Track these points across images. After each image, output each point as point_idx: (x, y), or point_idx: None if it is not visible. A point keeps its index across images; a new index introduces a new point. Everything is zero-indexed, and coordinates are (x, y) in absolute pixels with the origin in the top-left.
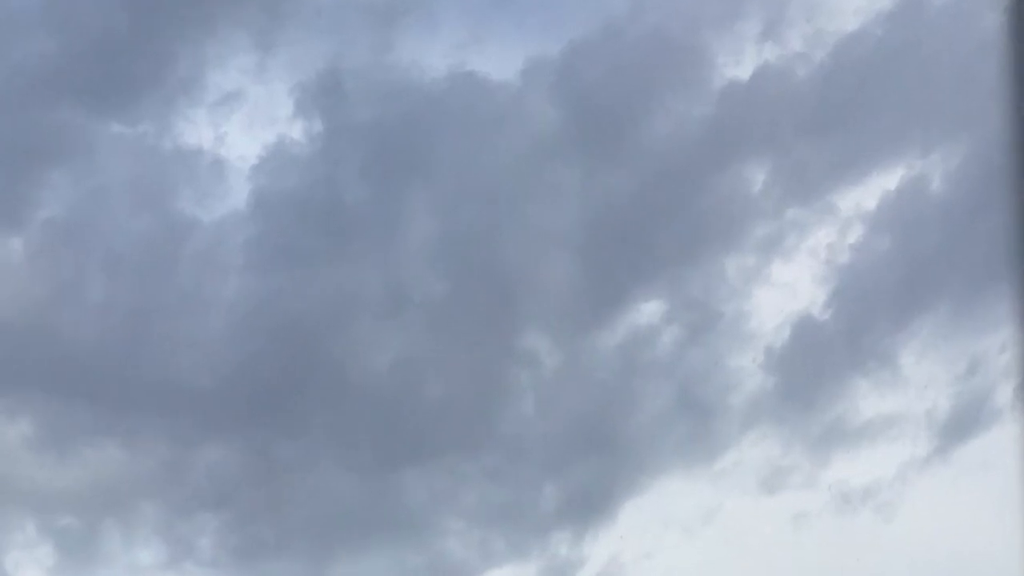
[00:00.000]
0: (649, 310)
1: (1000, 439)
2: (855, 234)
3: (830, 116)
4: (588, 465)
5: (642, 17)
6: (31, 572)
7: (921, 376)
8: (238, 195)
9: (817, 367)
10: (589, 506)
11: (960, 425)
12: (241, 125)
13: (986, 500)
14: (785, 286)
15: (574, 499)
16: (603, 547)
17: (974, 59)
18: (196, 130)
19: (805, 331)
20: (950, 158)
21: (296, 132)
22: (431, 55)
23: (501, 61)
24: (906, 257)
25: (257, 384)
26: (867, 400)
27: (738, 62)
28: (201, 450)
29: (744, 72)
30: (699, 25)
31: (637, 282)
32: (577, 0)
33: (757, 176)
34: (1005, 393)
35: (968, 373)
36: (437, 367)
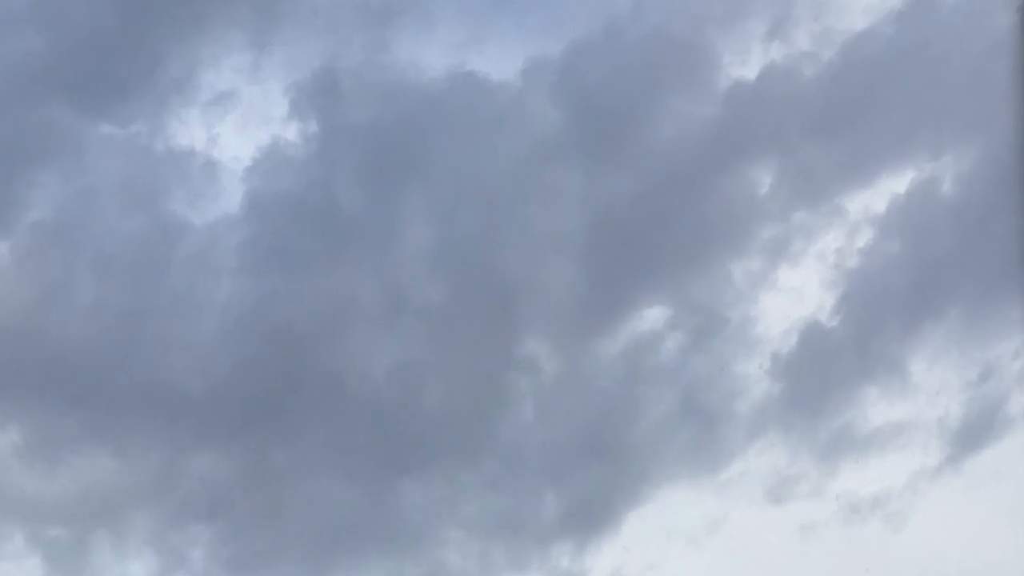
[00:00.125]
0: (652, 316)
1: (1013, 448)
2: (864, 238)
3: (838, 117)
4: (590, 474)
5: (645, 16)
6: None
7: (932, 383)
8: (231, 197)
9: (825, 374)
10: (591, 516)
11: (972, 433)
12: (235, 126)
13: (999, 510)
14: (792, 291)
15: (576, 509)
16: (606, 558)
17: (986, 59)
18: (189, 130)
19: (813, 337)
20: (961, 160)
21: (291, 133)
22: (429, 55)
23: (501, 61)
24: (916, 261)
25: (251, 390)
26: (876, 408)
27: (744, 62)
28: (194, 458)
29: (750, 72)
30: (703, 24)
31: (640, 287)
32: None
33: (763, 178)
34: (1018, 401)
35: (980, 380)
36: (435, 373)
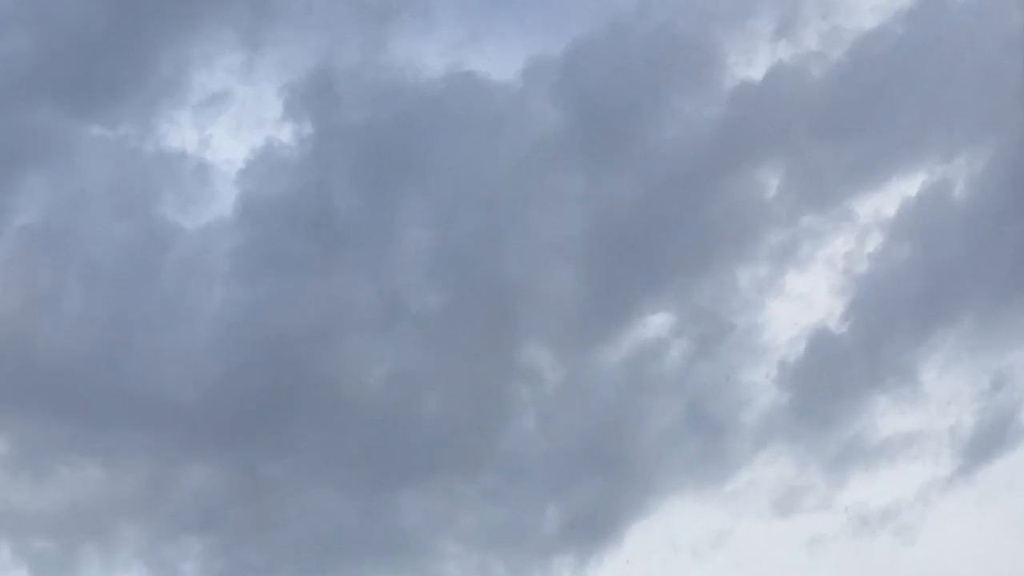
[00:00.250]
0: (656, 323)
1: None
2: (874, 242)
3: (847, 118)
4: (592, 486)
5: (649, 14)
6: None
7: (943, 392)
8: (224, 201)
9: (833, 382)
10: (593, 529)
11: (984, 443)
12: (227, 127)
13: (1012, 522)
14: (800, 297)
15: (577, 521)
16: (608, 572)
17: (999, 58)
18: (180, 132)
19: (821, 345)
20: (974, 162)
21: (285, 135)
22: (427, 54)
23: (501, 60)
24: (928, 266)
25: (244, 399)
26: (886, 417)
27: (750, 61)
28: (185, 469)
29: (757, 72)
30: (709, 23)
31: (643, 293)
32: None
33: (770, 181)
34: None
35: (993, 389)
36: (433, 382)
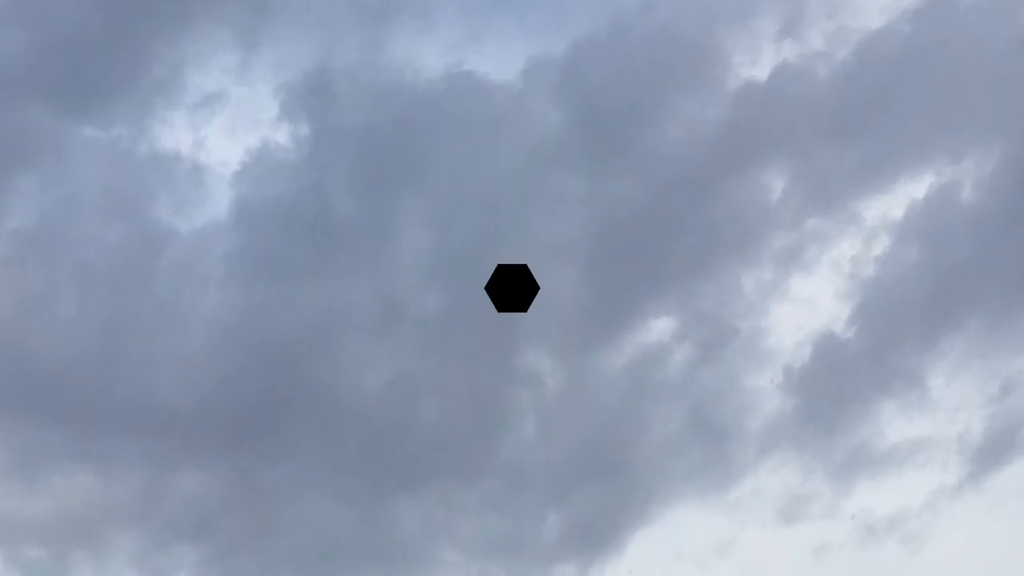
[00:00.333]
0: (659, 327)
1: None
2: (880, 245)
3: (853, 119)
4: (593, 493)
5: (651, 14)
6: None
7: (951, 398)
8: (219, 203)
9: (839, 388)
10: (594, 537)
11: (993, 450)
12: (222, 128)
13: (1021, 531)
14: (805, 301)
15: (578, 529)
16: None
17: (1007, 58)
18: (174, 133)
19: (827, 349)
20: (983, 164)
21: (281, 136)
22: (426, 54)
23: (501, 60)
24: (935, 270)
25: (239, 405)
26: (893, 424)
27: (755, 61)
28: (178, 476)
29: (761, 72)
30: (713, 22)
31: (646, 297)
32: None
33: (775, 183)
34: None
35: (1002, 394)
36: (432, 387)
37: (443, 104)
